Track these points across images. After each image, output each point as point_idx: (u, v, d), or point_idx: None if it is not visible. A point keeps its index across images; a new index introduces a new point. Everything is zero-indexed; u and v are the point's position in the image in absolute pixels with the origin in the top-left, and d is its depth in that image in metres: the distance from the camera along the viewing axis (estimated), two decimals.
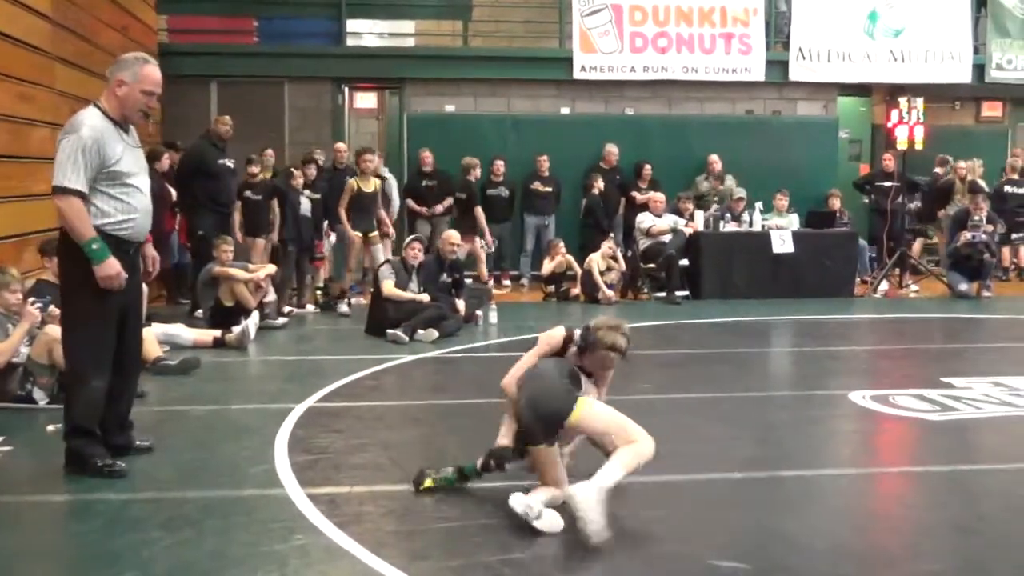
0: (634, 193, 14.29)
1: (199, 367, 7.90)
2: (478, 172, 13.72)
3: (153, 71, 5.04)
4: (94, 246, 4.79)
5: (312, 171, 11.88)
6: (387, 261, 10.64)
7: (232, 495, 4.77)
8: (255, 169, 11.69)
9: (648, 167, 14.43)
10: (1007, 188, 14.84)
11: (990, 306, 12.44)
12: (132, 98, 4.97)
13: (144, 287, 8.73)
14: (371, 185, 12.14)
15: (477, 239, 13.39)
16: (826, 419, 6.65)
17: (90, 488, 4.83)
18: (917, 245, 15.08)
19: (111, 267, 4.82)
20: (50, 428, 5.74)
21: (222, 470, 5.21)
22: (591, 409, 4.52)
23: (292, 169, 11.57)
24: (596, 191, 13.76)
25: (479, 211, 13.60)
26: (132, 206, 4.96)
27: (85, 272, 4.86)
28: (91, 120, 4.88)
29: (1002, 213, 14.11)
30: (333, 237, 12.35)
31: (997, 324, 11.35)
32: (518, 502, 4.29)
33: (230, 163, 11.24)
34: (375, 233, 12.16)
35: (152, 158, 11.28)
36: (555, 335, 4.84)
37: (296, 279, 11.65)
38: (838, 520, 4.61)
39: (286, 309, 10.91)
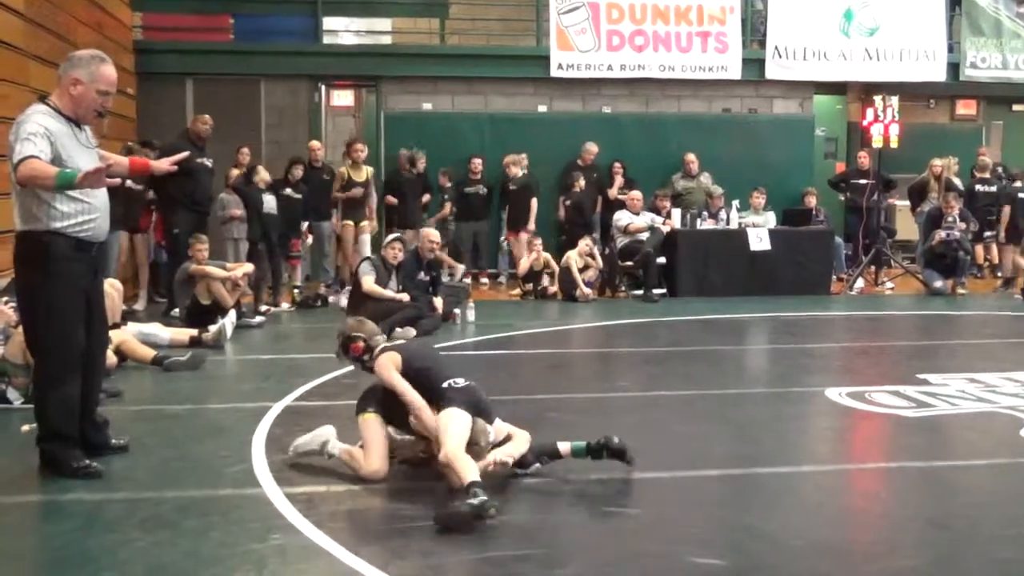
0: (611, 191, 14.32)
1: (205, 361, 8.00)
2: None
3: (109, 71, 4.96)
4: (67, 172, 4.61)
5: (299, 171, 11.88)
6: (367, 258, 10.64)
7: (209, 495, 4.74)
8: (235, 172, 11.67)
9: (619, 165, 14.45)
10: (977, 187, 14.95)
11: (965, 303, 12.54)
12: (87, 97, 4.89)
13: (119, 286, 8.79)
14: (362, 174, 12.25)
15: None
16: (803, 416, 6.68)
17: (65, 489, 4.79)
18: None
19: (86, 175, 4.60)
20: (24, 428, 5.69)
21: (199, 470, 5.18)
22: (363, 421, 5.02)
23: (255, 167, 11.50)
24: (578, 188, 13.76)
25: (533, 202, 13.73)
26: (93, 205, 4.89)
27: (45, 275, 4.82)
28: (40, 117, 4.79)
29: (973, 212, 14.21)
30: (311, 238, 12.36)
31: (972, 321, 11.44)
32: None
33: (208, 162, 11.18)
34: (365, 223, 12.27)
35: (127, 156, 11.24)
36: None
37: (272, 277, 11.59)
38: (815, 516, 4.63)
39: (262, 308, 10.86)
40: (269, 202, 11.27)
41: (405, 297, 9.82)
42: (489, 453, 4.74)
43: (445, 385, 4.90)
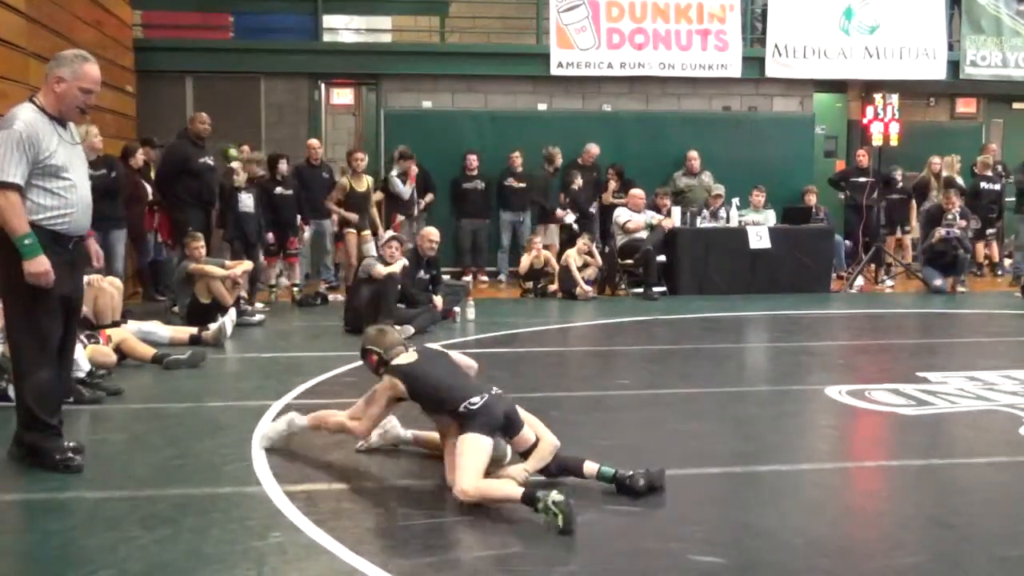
0: (605, 195, 14.34)
1: (205, 360, 8.00)
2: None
3: (92, 69, 5.03)
4: (27, 241, 4.76)
5: (283, 166, 11.86)
6: (370, 256, 10.71)
7: (209, 493, 4.75)
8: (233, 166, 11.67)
9: (612, 171, 14.46)
10: (981, 184, 14.96)
11: (964, 301, 12.53)
12: (70, 95, 4.96)
13: (120, 284, 8.79)
14: (363, 184, 12.24)
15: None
16: (803, 414, 6.69)
17: (65, 486, 4.80)
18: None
19: (40, 264, 4.79)
20: None
21: (199, 468, 5.19)
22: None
23: (231, 167, 11.42)
24: (576, 187, 13.80)
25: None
26: (69, 200, 4.95)
27: (19, 265, 4.83)
28: (25, 114, 4.87)
29: (976, 209, 14.23)
30: (307, 232, 12.34)
31: (971, 319, 11.43)
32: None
33: (210, 161, 11.17)
34: (367, 231, 12.26)
35: (127, 154, 11.25)
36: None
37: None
38: (815, 514, 4.64)
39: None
40: (245, 201, 11.06)
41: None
42: (504, 471, 4.75)
43: (462, 409, 4.73)
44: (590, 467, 4.79)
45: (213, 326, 8.99)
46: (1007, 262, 15.37)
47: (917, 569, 3.93)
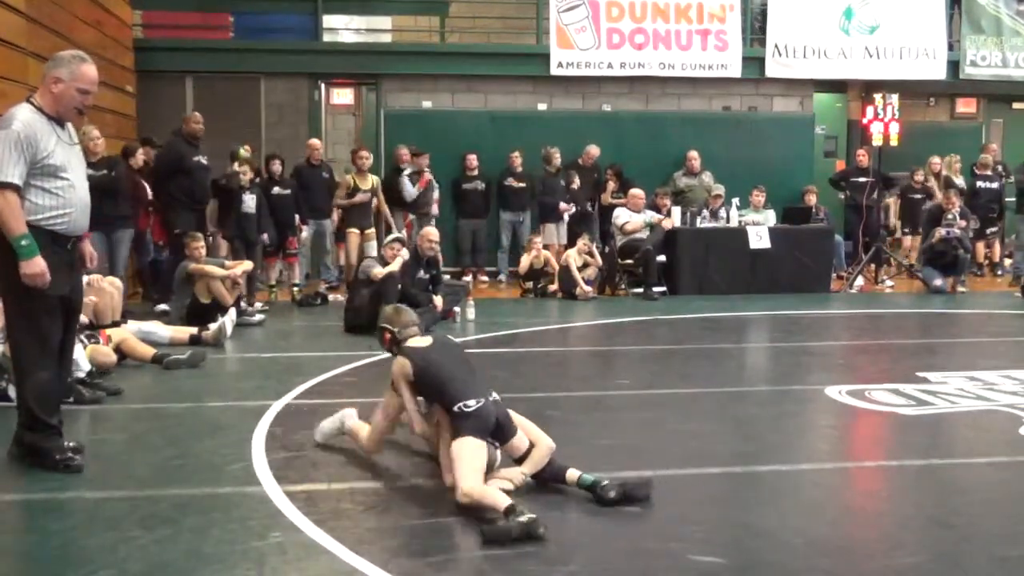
0: (604, 196, 14.36)
1: (205, 360, 8.00)
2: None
3: (89, 70, 5.03)
4: (23, 242, 4.76)
5: (277, 166, 11.85)
6: (369, 258, 10.71)
7: (209, 493, 4.74)
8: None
9: (611, 171, 14.45)
10: (979, 184, 14.97)
11: (964, 301, 12.53)
12: (67, 95, 4.96)
13: (120, 284, 8.79)
14: (368, 182, 12.23)
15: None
16: (803, 414, 6.69)
17: (65, 486, 4.80)
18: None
19: (36, 265, 4.78)
20: None
21: (199, 468, 5.18)
22: (386, 397, 5.23)
23: (236, 168, 11.43)
24: (575, 187, 13.81)
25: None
26: (68, 200, 4.95)
27: (17, 265, 4.83)
28: (22, 114, 4.87)
29: (975, 209, 14.23)
30: (306, 232, 12.33)
31: (972, 319, 11.44)
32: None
33: (204, 160, 11.18)
34: (371, 230, 12.24)
35: (127, 154, 11.24)
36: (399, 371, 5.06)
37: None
38: (815, 514, 4.63)
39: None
40: (248, 202, 11.11)
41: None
42: (500, 474, 4.73)
43: (455, 409, 4.69)
44: (572, 474, 4.75)
45: (213, 326, 8.99)
46: (1007, 262, 15.37)
47: (917, 569, 3.93)
